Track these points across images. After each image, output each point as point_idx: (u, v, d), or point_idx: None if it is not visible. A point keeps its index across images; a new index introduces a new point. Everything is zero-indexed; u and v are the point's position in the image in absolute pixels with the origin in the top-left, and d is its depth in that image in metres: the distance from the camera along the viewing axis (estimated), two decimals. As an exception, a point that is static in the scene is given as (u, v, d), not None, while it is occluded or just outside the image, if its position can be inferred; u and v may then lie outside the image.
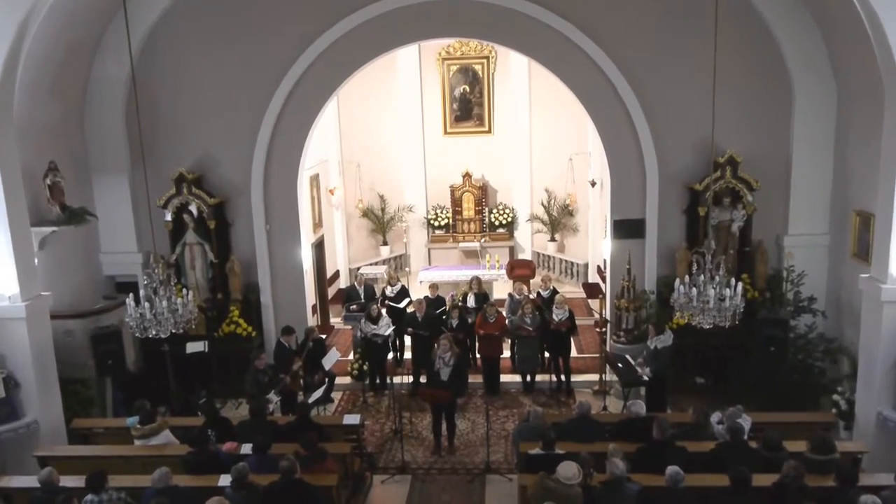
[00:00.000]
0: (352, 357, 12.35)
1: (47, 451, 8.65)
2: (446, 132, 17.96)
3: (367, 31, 11.53)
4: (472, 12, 11.41)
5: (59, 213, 10.53)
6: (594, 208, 16.31)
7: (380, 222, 17.92)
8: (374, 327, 11.81)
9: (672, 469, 6.69)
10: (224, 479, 7.27)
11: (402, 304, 12.88)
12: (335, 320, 15.08)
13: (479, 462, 9.83)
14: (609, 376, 11.57)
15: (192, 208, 11.83)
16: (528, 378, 11.99)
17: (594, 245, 16.26)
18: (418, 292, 13.83)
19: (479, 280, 13.14)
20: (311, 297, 13.61)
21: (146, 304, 7.94)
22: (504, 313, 12.16)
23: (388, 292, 13.09)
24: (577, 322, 12.11)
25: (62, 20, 10.11)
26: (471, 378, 11.91)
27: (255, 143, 11.90)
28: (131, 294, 8.20)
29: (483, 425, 10.28)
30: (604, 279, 13.95)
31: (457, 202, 18.02)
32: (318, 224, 15.40)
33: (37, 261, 9.49)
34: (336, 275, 16.84)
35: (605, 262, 13.24)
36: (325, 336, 13.27)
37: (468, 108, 17.91)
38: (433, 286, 13.27)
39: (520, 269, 15.19)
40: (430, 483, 9.48)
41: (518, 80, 17.18)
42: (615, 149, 11.85)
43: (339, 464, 8.34)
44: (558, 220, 17.66)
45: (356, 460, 9.18)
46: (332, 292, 16.02)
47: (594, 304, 14.01)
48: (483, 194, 17.96)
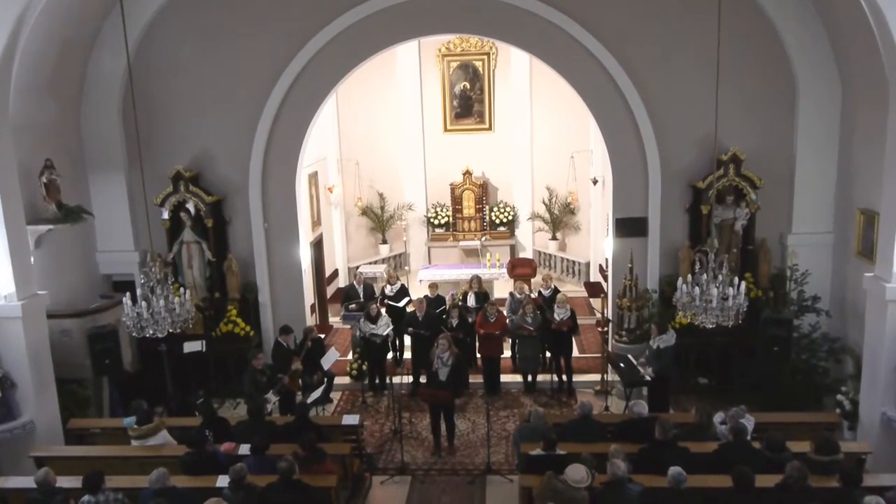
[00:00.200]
0: (351, 357, 12.30)
1: (44, 452, 8.62)
2: (446, 129, 17.85)
3: (366, 27, 11.46)
4: (473, 8, 11.36)
5: (55, 211, 10.48)
6: (596, 206, 16.25)
7: (379, 220, 17.82)
8: (373, 327, 11.75)
9: (674, 470, 6.66)
10: (222, 480, 7.25)
11: (401, 304, 12.81)
12: (334, 320, 15.02)
13: (480, 463, 9.77)
14: (611, 376, 11.53)
15: (190, 206, 11.79)
16: (529, 378, 11.93)
17: (596, 244, 16.20)
18: (418, 291, 13.77)
19: (479, 279, 13.06)
20: (309, 296, 13.54)
21: (143, 304, 7.89)
22: (505, 313, 12.09)
23: (388, 291, 13.03)
24: (579, 321, 12.04)
25: (58, 17, 10.06)
26: (471, 378, 11.93)
27: (253, 140, 11.84)
28: (128, 293, 8.14)
29: (483, 426, 10.23)
30: (606, 278, 13.89)
31: (457, 200, 17.92)
32: (316, 222, 15.33)
33: (33, 259, 9.47)
34: (335, 274, 16.78)
35: (606, 260, 13.17)
36: (323, 335, 13.22)
37: (468, 105, 17.80)
38: (433, 285, 13.21)
39: (521, 268, 15.09)
40: (429, 484, 9.43)
41: (519, 76, 17.07)
42: (617, 146, 11.79)
43: (338, 464, 8.31)
44: (560, 218, 17.57)
45: (355, 461, 9.17)
46: (330, 291, 15.96)
47: (596, 303, 13.94)
48: (483, 192, 17.87)
